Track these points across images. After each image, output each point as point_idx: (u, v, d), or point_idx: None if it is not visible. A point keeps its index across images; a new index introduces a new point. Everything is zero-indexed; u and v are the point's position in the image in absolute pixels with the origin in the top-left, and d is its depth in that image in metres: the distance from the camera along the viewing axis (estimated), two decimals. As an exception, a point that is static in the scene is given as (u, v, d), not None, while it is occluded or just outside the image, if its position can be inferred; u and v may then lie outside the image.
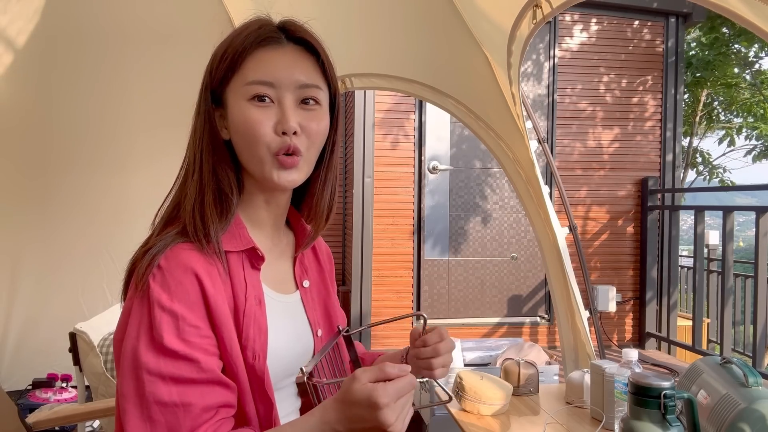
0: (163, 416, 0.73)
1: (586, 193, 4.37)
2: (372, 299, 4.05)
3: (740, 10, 1.29)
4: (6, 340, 3.05)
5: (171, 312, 0.75)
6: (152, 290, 0.75)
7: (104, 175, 3.08)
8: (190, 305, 0.77)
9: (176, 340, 0.75)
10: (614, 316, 4.38)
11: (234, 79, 0.84)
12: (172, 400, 0.74)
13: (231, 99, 0.84)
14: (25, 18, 2.58)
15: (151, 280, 0.76)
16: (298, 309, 0.95)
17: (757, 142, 7.84)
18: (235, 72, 0.83)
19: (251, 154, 0.83)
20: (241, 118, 0.82)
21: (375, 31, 2.45)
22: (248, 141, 0.82)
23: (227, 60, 0.83)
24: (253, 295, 0.84)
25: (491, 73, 2.28)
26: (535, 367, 1.89)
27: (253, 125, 0.81)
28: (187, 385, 0.75)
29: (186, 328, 0.76)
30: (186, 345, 0.75)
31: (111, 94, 2.96)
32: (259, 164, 0.83)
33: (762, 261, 3.23)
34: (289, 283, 0.96)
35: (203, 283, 0.78)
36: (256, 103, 0.82)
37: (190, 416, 0.74)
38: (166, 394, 0.74)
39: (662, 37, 4.42)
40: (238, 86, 0.83)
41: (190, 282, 0.77)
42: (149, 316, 0.75)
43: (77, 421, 1.99)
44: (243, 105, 0.82)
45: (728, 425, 1.15)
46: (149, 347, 0.74)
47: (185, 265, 0.77)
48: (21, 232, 3.02)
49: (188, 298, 0.77)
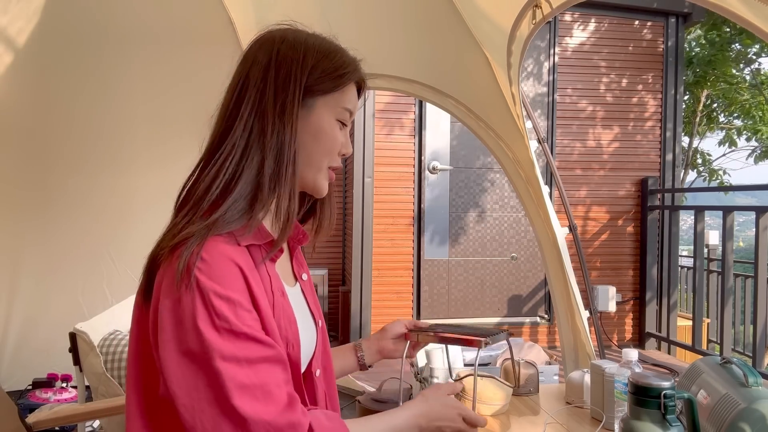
0: (246, 399, 0.75)
1: (586, 193, 4.37)
2: (372, 299, 4.05)
3: (740, 10, 1.29)
4: (6, 340, 3.05)
5: (228, 299, 0.77)
6: (202, 282, 0.76)
7: (104, 175, 3.08)
8: (241, 293, 0.79)
9: (242, 324, 0.77)
10: (614, 316, 4.38)
11: (333, 96, 0.92)
12: (252, 381, 0.76)
13: (321, 109, 0.91)
14: (25, 18, 2.58)
15: (199, 273, 0.76)
16: (301, 300, 0.99)
17: (757, 143, 7.84)
18: (336, 91, 0.92)
19: (317, 161, 0.92)
20: (328, 130, 0.92)
21: (375, 31, 2.45)
22: (324, 150, 0.92)
23: (335, 77, 0.91)
24: (277, 286, 0.88)
25: (491, 73, 2.28)
26: (535, 367, 1.89)
27: (334, 140, 0.93)
28: (260, 363, 0.77)
29: (243, 313, 0.78)
30: (250, 328, 0.78)
31: (111, 94, 2.96)
32: (317, 171, 0.93)
33: (762, 261, 3.23)
34: (290, 277, 1.00)
35: (245, 275, 0.80)
36: (340, 125, 0.94)
37: (271, 395, 0.77)
38: (245, 377, 0.75)
39: (662, 36, 4.42)
40: (334, 103, 0.92)
41: (235, 273, 0.79)
42: (206, 306, 0.76)
43: (77, 421, 1.99)
44: (332, 121, 0.93)
45: (728, 425, 1.15)
46: (217, 335, 0.75)
47: (228, 257, 0.79)
48: (21, 233, 3.02)
49: (238, 287, 0.79)
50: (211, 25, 2.81)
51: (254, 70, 0.89)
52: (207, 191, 0.84)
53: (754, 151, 7.99)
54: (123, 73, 2.93)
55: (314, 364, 0.97)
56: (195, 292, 0.76)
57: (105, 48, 2.83)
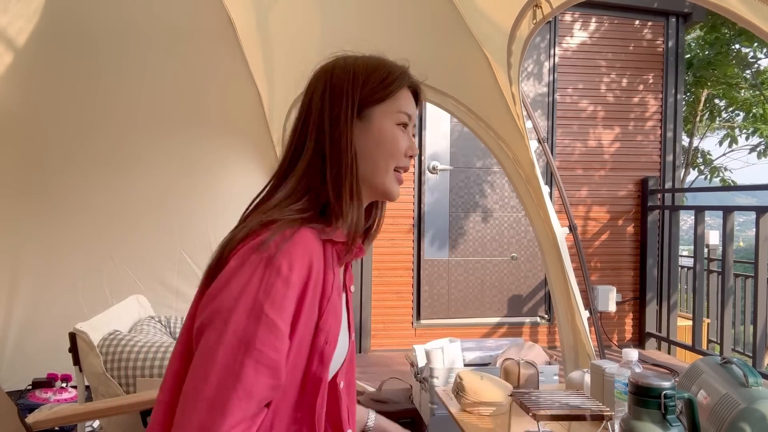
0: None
1: (587, 192, 4.37)
2: (372, 299, 4.05)
3: (740, 10, 1.29)
4: (6, 340, 3.05)
5: (287, 281, 0.82)
6: (277, 264, 0.81)
7: (105, 175, 3.08)
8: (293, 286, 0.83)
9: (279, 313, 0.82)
10: (614, 316, 4.38)
11: (387, 102, 0.99)
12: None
13: (378, 116, 0.99)
14: (25, 18, 2.58)
15: (279, 254, 0.82)
16: (345, 311, 1.03)
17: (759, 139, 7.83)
18: (389, 98, 0.99)
19: (383, 165, 0.98)
20: (389, 134, 0.98)
21: (375, 32, 2.45)
22: (387, 153, 0.98)
23: (387, 85, 0.99)
24: (337, 285, 0.94)
25: (491, 73, 2.27)
26: (535, 367, 1.89)
27: (397, 142, 0.99)
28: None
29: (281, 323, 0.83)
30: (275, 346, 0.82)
31: (111, 93, 2.97)
32: (383, 175, 0.98)
33: (762, 261, 3.23)
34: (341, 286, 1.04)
35: (312, 268, 0.86)
36: (401, 128, 1.00)
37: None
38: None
39: (663, 37, 4.42)
40: (390, 110, 0.99)
41: (303, 265, 0.84)
42: (261, 286, 0.81)
43: (77, 421, 1.99)
44: (392, 126, 0.99)
45: (728, 425, 1.15)
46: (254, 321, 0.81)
47: (307, 245, 0.86)
48: (21, 233, 3.02)
49: (299, 280, 0.84)
50: (211, 25, 2.81)
51: (314, 97, 0.99)
52: (282, 200, 0.92)
53: (756, 148, 7.98)
54: (123, 73, 2.93)
55: (339, 375, 1.00)
56: (263, 268, 0.81)
57: (105, 48, 2.83)
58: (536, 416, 1.21)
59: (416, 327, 4.13)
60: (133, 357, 1.89)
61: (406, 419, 2.50)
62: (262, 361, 0.79)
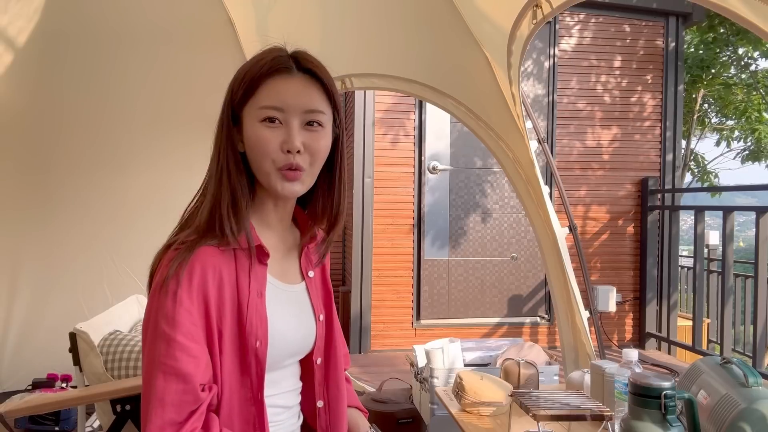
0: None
1: (586, 192, 4.37)
2: (372, 299, 4.05)
3: (740, 10, 1.29)
4: (6, 340, 3.05)
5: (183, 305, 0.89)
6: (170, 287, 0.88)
7: (104, 175, 3.08)
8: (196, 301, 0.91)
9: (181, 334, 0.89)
10: (614, 316, 4.38)
11: (250, 102, 0.96)
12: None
13: (246, 118, 0.96)
14: (26, 17, 2.58)
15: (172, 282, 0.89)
16: (303, 297, 1.08)
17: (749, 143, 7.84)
18: (251, 96, 0.96)
19: (260, 167, 0.96)
20: (254, 136, 0.95)
21: (375, 31, 2.45)
22: (258, 156, 0.95)
23: (245, 85, 0.96)
24: (255, 288, 0.96)
25: (491, 73, 2.28)
26: (535, 367, 1.89)
27: (263, 143, 0.95)
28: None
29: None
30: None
31: (110, 93, 2.96)
32: (266, 176, 0.96)
33: (762, 261, 3.23)
34: (295, 275, 1.08)
35: (208, 282, 0.91)
36: (267, 124, 0.95)
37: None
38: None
39: (662, 37, 4.42)
40: (253, 109, 0.95)
41: (194, 281, 0.90)
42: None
43: (48, 410, 2.01)
44: (256, 125, 0.95)
45: (728, 425, 1.15)
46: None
47: (201, 264, 0.91)
48: (21, 233, 3.02)
49: (190, 296, 0.89)
50: (211, 25, 2.81)
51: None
52: (187, 218, 0.99)
53: (743, 152, 8.01)
54: (122, 73, 2.93)
55: (315, 353, 1.08)
56: (158, 293, 0.89)
57: (104, 48, 2.83)
58: (536, 416, 1.21)
59: (416, 327, 4.13)
60: (134, 357, 1.89)
61: (406, 419, 2.50)
62: (168, 371, 0.86)
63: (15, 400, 1.93)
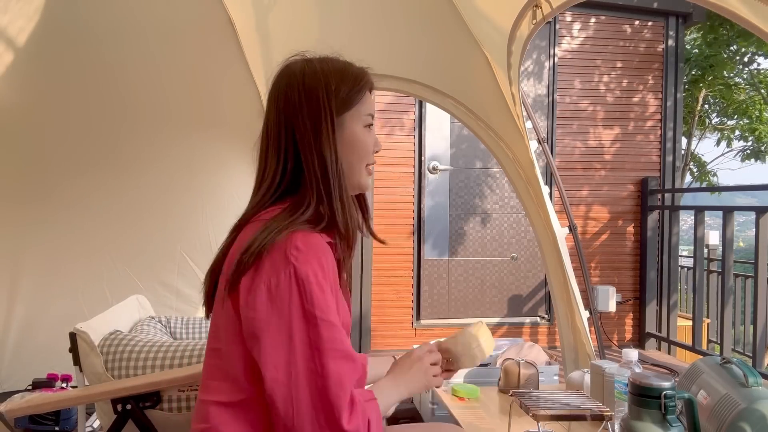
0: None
1: (587, 192, 4.37)
2: (372, 299, 4.05)
3: (740, 10, 1.29)
4: (6, 340, 3.04)
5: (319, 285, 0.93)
6: (300, 269, 0.92)
7: (104, 175, 3.08)
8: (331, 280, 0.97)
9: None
10: (614, 316, 4.37)
11: (356, 107, 1.08)
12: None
13: (349, 122, 1.07)
14: (26, 17, 2.58)
15: (296, 261, 0.92)
16: (346, 291, 1.15)
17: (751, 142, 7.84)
18: (358, 103, 1.08)
19: (357, 166, 1.09)
20: (361, 138, 1.09)
21: (375, 31, 2.45)
22: (361, 156, 1.09)
23: (356, 92, 1.07)
24: (340, 278, 1.06)
25: (491, 73, 2.28)
26: (535, 367, 1.89)
27: (366, 145, 1.10)
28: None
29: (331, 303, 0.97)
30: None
31: (110, 93, 2.96)
32: (359, 171, 1.10)
33: (762, 261, 3.23)
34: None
35: (329, 268, 0.97)
36: (368, 129, 1.10)
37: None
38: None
39: (662, 37, 4.42)
40: (358, 114, 1.08)
41: (322, 267, 0.95)
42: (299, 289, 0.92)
43: (49, 410, 2.01)
44: (362, 129, 1.09)
45: (728, 425, 1.15)
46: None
47: (320, 250, 0.96)
48: (21, 233, 3.02)
49: (326, 280, 0.95)
50: (211, 25, 2.81)
51: (289, 107, 1.05)
52: (286, 213, 1.01)
53: (743, 150, 8.01)
54: (123, 73, 2.93)
55: None
56: (296, 283, 0.92)
57: (105, 48, 2.82)
58: (536, 416, 1.21)
59: (416, 327, 4.13)
60: (134, 357, 1.89)
61: (406, 419, 2.50)
62: (336, 356, 0.90)
63: (15, 399, 1.93)
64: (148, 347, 1.92)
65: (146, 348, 1.92)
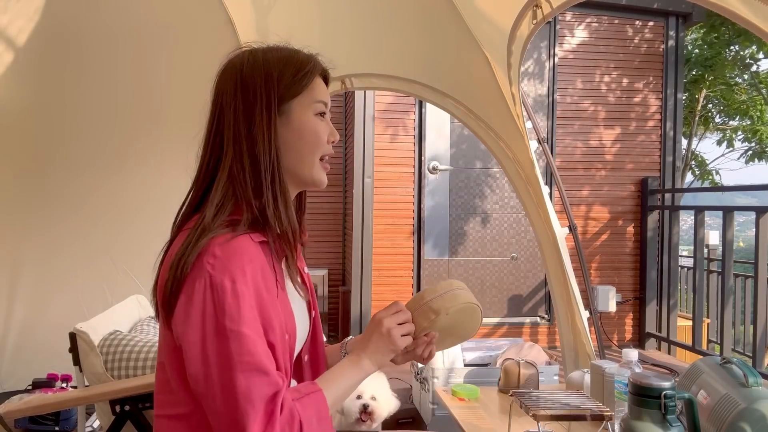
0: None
1: (587, 192, 4.37)
2: (372, 299, 4.05)
3: (740, 10, 1.29)
4: (6, 340, 3.04)
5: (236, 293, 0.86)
6: (214, 276, 0.86)
7: (104, 175, 3.08)
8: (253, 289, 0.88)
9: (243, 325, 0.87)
10: (614, 316, 4.37)
11: (304, 94, 1.00)
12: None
13: (297, 110, 0.99)
14: (26, 17, 2.58)
15: (211, 269, 0.86)
16: (304, 292, 1.08)
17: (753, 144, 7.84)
18: (305, 89, 1.00)
19: (308, 157, 1.00)
20: (310, 126, 1.00)
21: (375, 31, 2.45)
22: (312, 146, 1.00)
23: (301, 77, 0.99)
24: (280, 281, 0.97)
25: (491, 73, 2.28)
26: (535, 367, 1.89)
27: (319, 134, 1.00)
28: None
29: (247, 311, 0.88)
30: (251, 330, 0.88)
31: (110, 93, 2.96)
32: (312, 167, 1.00)
33: (762, 261, 3.23)
34: (296, 271, 1.07)
35: (256, 274, 0.89)
36: (320, 118, 1.01)
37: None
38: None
39: (662, 37, 4.42)
40: (307, 101, 1.00)
41: (245, 273, 0.87)
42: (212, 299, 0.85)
43: (49, 411, 2.00)
44: (311, 117, 1.00)
45: (728, 425, 1.15)
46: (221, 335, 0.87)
47: (243, 256, 0.88)
48: (21, 233, 3.02)
49: (246, 288, 0.87)
50: (211, 25, 2.81)
51: (225, 99, 0.99)
52: (213, 214, 0.93)
53: (747, 152, 8.00)
54: (122, 73, 2.93)
55: (303, 350, 1.09)
56: (210, 291, 0.85)
57: (104, 48, 2.82)
58: (536, 416, 1.21)
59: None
60: (134, 357, 1.89)
61: (406, 419, 2.50)
62: (245, 369, 0.84)
63: (14, 400, 1.93)
64: (148, 347, 1.92)
65: (146, 348, 1.92)
